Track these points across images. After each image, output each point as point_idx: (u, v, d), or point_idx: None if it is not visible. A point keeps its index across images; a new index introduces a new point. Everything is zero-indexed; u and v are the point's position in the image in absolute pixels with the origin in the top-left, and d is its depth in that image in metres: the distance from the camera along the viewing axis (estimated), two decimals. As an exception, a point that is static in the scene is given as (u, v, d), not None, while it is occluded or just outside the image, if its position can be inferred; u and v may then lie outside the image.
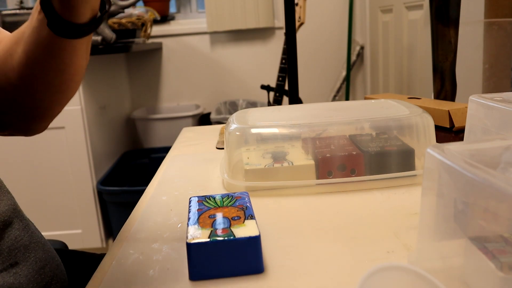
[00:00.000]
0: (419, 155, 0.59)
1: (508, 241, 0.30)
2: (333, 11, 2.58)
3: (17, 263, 0.50)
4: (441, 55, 0.91)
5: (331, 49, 2.62)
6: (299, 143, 0.62)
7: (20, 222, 0.55)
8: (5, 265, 0.49)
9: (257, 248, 0.39)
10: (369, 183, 0.57)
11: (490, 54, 1.02)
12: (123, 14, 2.05)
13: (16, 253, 0.51)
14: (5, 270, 0.49)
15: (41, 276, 0.52)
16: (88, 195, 1.90)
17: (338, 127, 0.62)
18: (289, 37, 1.18)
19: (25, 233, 0.54)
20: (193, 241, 0.38)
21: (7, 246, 0.51)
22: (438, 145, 0.35)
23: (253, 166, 0.58)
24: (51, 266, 0.55)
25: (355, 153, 0.58)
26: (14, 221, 0.54)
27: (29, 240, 0.54)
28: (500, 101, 0.49)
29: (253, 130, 0.61)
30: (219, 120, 2.32)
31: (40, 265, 0.53)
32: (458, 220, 0.33)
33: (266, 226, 0.49)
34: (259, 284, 0.38)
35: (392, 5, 2.11)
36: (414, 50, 1.92)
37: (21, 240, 0.53)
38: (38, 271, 0.52)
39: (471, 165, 0.30)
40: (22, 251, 0.52)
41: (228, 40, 2.56)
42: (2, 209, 0.52)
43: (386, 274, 0.29)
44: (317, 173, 0.58)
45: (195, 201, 0.47)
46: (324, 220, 0.49)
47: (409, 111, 0.62)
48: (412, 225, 0.47)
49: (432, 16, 0.92)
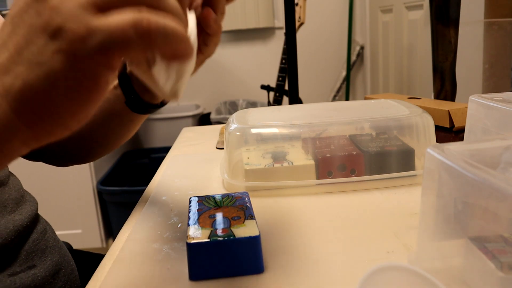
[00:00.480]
0: (419, 155, 0.59)
1: (508, 241, 0.30)
2: (333, 11, 2.58)
3: (34, 266, 0.51)
4: (441, 55, 0.91)
5: (331, 49, 2.62)
6: (299, 143, 0.62)
7: (38, 226, 0.55)
8: (23, 267, 0.50)
9: (257, 248, 0.39)
10: (369, 183, 0.57)
11: (490, 54, 1.02)
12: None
13: (33, 256, 0.51)
14: (23, 271, 0.49)
15: (55, 280, 0.53)
16: (88, 195, 1.90)
17: (338, 127, 0.62)
18: (289, 37, 1.18)
19: (43, 237, 0.55)
20: (193, 241, 0.38)
21: (25, 249, 0.51)
22: (438, 145, 0.35)
23: (253, 166, 0.58)
24: (66, 270, 0.55)
25: (355, 153, 0.58)
26: (34, 225, 0.54)
27: (45, 244, 0.54)
28: (500, 101, 0.49)
29: (253, 130, 0.61)
30: (219, 120, 2.32)
31: (56, 269, 0.53)
32: (458, 220, 0.33)
33: (266, 226, 0.49)
34: (259, 284, 0.38)
35: (392, 5, 2.12)
36: (414, 50, 1.92)
37: (38, 243, 0.53)
38: (53, 276, 0.53)
39: (471, 165, 0.30)
40: (39, 255, 0.52)
41: (228, 40, 2.56)
42: (24, 216, 0.52)
43: (386, 274, 0.29)
44: (317, 173, 0.58)
45: (195, 201, 0.47)
46: (324, 220, 0.49)
47: (409, 111, 0.62)
48: (412, 225, 0.47)
49: (432, 16, 0.92)
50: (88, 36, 0.25)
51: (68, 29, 0.25)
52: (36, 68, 0.25)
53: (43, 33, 0.25)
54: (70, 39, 0.25)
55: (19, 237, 0.50)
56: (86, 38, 0.25)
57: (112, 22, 0.25)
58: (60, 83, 0.26)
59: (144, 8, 0.26)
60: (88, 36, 0.25)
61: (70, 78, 0.26)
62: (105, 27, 0.25)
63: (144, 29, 0.25)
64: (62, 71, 0.25)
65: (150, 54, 0.29)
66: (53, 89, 0.26)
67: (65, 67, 0.25)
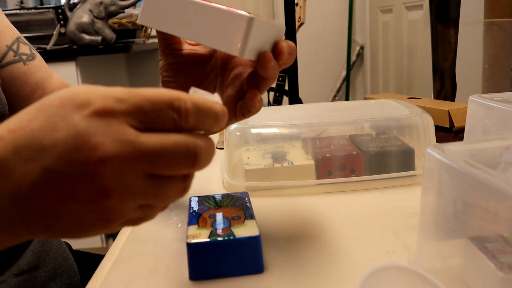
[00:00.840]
0: (419, 155, 0.59)
1: (508, 241, 0.30)
2: (333, 11, 2.58)
3: (38, 267, 0.51)
4: (441, 55, 0.91)
5: (331, 49, 2.62)
6: (299, 143, 0.62)
7: None
8: (29, 266, 0.50)
9: (257, 248, 0.39)
10: (369, 183, 0.57)
11: (490, 54, 1.02)
12: (123, 14, 2.05)
13: (38, 257, 0.52)
14: (28, 271, 0.49)
15: (57, 283, 0.53)
16: (88, 195, 1.90)
17: (338, 127, 0.62)
18: (289, 37, 1.18)
19: (47, 239, 0.55)
20: (193, 241, 0.38)
21: (31, 250, 0.51)
22: (438, 145, 0.35)
23: (253, 166, 0.58)
24: (68, 273, 0.56)
25: (355, 153, 0.58)
26: None
27: (50, 247, 0.54)
28: (500, 101, 0.49)
29: (253, 130, 0.61)
30: (219, 120, 2.32)
31: (58, 273, 0.53)
32: (458, 220, 0.33)
33: (266, 226, 0.49)
34: (259, 284, 0.38)
35: (392, 5, 2.12)
36: (414, 50, 1.92)
37: (43, 245, 0.53)
38: (55, 279, 0.53)
39: (471, 165, 0.30)
40: (43, 256, 0.52)
41: (228, 40, 2.56)
42: None
43: (386, 274, 0.29)
44: (317, 173, 0.58)
45: (195, 201, 0.47)
46: (324, 220, 0.49)
47: (409, 111, 0.62)
48: (412, 225, 0.47)
49: (432, 16, 0.92)
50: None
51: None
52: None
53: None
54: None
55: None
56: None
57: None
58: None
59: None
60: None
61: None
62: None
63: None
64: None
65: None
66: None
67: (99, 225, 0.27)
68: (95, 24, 1.83)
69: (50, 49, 1.86)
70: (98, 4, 1.83)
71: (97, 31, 1.84)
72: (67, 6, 1.88)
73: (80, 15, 1.82)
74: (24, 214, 0.25)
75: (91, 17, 1.83)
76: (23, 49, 0.59)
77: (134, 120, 0.25)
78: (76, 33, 1.82)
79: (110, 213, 0.26)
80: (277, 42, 0.38)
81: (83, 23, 1.82)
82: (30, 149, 0.24)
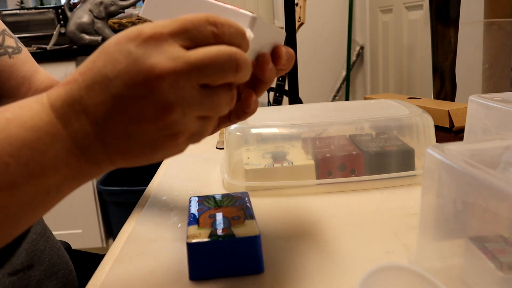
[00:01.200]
0: (419, 155, 0.59)
1: (508, 241, 0.30)
2: (333, 11, 2.58)
3: (32, 266, 0.51)
4: (441, 55, 0.91)
5: (331, 49, 2.62)
6: (299, 143, 0.62)
7: (37, 226, 0.55)
8: (23, 266, 0.50)
9: (257, 248, 0.39)
10: (369, 183, 0.57)
11: (490, 54, 1.02)
12: (123, 14, 2.05)
13: (32, 256, 0.52)
14: (22, 271, 0.49)
15: (53, 282, 0.53)
16: (88, 195, 1.90)
17: (338, 127, 0.62)
18: (289, 37, 1.18)
19: (41, 237, 0.55)
20: (193, 241, 0.38)
21: (24, 249, 0.51)
22: (438, 145, 0.35)
23: (253, 166, 0.58)
24: (64, 272, 0.55)
25: (355, 153, 0.58)
26: (32, 225, 0.54)
27: (44, 245, 0.54)
28: (500, 101, 0.49)
29: (253, 130, 0.61)
30: (219, 120, 2.32)
31: (53, 271, 0.53)
32: (458, 220, 0.33)
33: (266, 226, 0.49)
34: (259, 284, 0.38)
35: (392, 5, 2.12)
36: (414, 50, 1.92)
37: (37, 244, 0.53)
38: (50, 277, 0.53)
39: (471, 165, 0.30)
40: (38, 255, 0.52)
41: (228, 40, 2.56)
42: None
43: (386, 274, 0.29)
44: (317, 173, 0.58)
45: (195, 201, 0.47)
46: (324, 220, 0.50)
47: (409, 111, 0.62)
48: (412, 225, 0.47)
49: (432, 16, 0.92)
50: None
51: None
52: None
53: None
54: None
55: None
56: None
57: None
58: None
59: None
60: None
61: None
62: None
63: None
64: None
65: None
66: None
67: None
68: (95, 24, 1.83)
69: (50, 49, 1.86)
70: (98, 4, 1.83)
71: (97, 31, 1.84)
72: (67, 6, 1.88)
73: (80, 15, 1.82)
74: (103, 143, 0.29)
75: (91, 17, 1.83)
76: (8, 42, 0.58)
77: (180, 39, 0.29)
78: (76, 33, 1.82)
79: (175, 127, 0.29)
80: (276, 46, 0.38)
81: (83, 23, 1.82)
82: (99, 83, 0.28)
